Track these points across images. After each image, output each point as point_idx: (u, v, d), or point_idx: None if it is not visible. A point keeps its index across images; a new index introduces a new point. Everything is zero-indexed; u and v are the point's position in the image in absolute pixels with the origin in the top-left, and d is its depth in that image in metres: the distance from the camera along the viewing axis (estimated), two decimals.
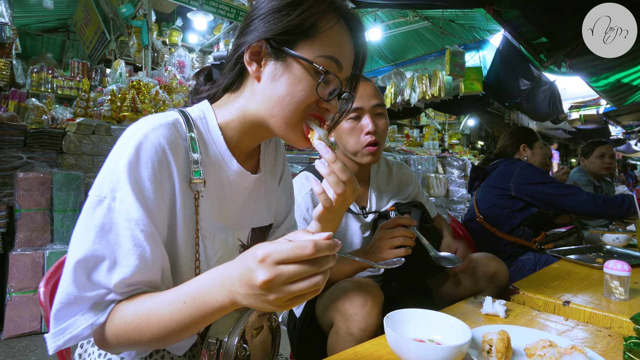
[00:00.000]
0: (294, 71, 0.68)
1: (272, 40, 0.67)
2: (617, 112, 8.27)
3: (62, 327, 0.59)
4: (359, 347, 0.81)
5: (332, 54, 0.69)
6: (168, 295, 0.58)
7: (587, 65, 4.19)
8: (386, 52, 7.54)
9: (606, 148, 2.98)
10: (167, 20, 7.45)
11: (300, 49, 0.68)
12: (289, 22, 0.67)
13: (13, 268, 2.42)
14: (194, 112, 0.74)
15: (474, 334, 0.76)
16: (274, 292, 0.48)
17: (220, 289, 0.53)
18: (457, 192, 5.41)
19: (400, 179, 1.42)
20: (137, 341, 0.59)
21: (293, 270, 0.47)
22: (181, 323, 0.56)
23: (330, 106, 0.72)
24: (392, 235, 1.05)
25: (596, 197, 1.80)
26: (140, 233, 0.60)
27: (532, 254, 2.02)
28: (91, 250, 0.58)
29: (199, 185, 0.69)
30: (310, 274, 0.48)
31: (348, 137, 1.22)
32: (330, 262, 0.50)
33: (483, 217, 2.08)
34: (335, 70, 0.70)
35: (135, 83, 3.96)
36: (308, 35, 0.68)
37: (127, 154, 0.61)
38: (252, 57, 0.69)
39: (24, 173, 2.55)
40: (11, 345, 2.34)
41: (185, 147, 0.69)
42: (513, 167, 2.02)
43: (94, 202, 0.60)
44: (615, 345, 0.82)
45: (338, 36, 0.70)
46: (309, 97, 0.69)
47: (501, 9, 3.64)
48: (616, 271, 1.09)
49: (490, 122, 11.15)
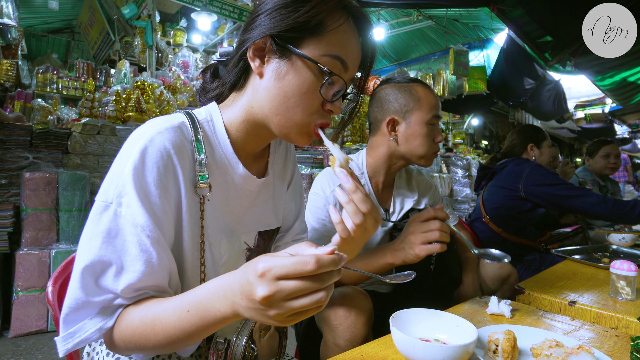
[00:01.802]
0: (298, 70, 0.66)
1: (277, 37, 0.66)
2: (623, 111, 8.19)
3: (71, 331, 0.59)
4: (364, 347, 0.81)
5: (338, 53, 0.67)
6: (173, 302, 0.58)
7: (593, 64, 4.16)
8: (390, 51, 7.53)
9: (612, 147, 2.95)
10: (171, 20, 7.47)
11: (305, 47, 0.66)
12: (295, 19, 0.65)
13: (20, 267, 2.45)
14: (200, 115, 0.74)
15: (479, 333, 0.75)
16: (274, 308, 0.47)
17: (223, 299, 0.53)
18: (461, 192, 5.39)
19: (419, 184, 1.41)
20: (143, 346, 0.60)
21: (294, 286, 0.46)
22: (185, 331, 0.56)
23: (334, 107, 0.70)
24: (427, 229, 0.95)
25: (607, 199, 1.78)
26: (147, 239, 0.60)
27: (538, 254, 2.01)
28: (98, 256, 0.59)
29: (205, 189, 0.68)
30: (312, 290, 0.47)
31: (424, 140, 1.19)
32: (334, 277, 0.49)
33: (489, 217, 2.06)
34: (340, 70, 0.68)
35: (140, 83, 3.98)
36: (314, 33, 0.66)
37: (133, 158, 0.61)
38: (255, 53, 0.68)
39: (30, 173, 2.57)
40: (18, 343, 2.36)
41: (191, 150, 0.68)
42: (522, 167, 1.99)
43: (101, 208, 0.60)
44: (623, 346, 0.82)
45: (345, 35, 0.68)
46: (314, 98, 0.68)
47: (506, 7, 3.63)
48: (623, 271, 1.09)
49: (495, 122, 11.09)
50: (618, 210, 1.74)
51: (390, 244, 1.07)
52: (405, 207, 1.33)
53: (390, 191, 1.34)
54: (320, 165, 3.71)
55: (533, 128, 2.26)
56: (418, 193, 1.39)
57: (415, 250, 0.96)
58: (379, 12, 6.26)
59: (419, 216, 0.99)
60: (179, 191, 0.66)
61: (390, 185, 1.34)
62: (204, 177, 0.68)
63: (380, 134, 1.24)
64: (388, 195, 1.33)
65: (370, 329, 0.98)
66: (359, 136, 5.11)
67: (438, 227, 0.95)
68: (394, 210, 1.31)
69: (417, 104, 1.20)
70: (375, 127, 1.26)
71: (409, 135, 1.20)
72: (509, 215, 2.01)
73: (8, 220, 2.52)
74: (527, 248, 2.04)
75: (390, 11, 6.25)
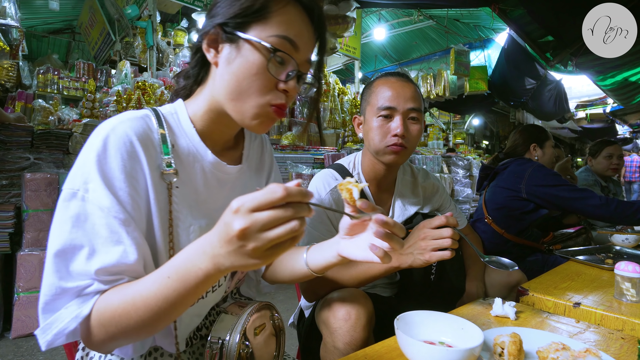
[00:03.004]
0: (246, 53, 0.68)
1: (225, 25, 0.68)
2: (624, 110, 8.19)
3: (48, 322, 0.59)
4: (368, 349, 0.80)
5: (285, 33, 0.68)
6: (153, 274, 0.58)
7: (594, 64, 4.16)
8: (390, 51, 7.53)
9: (614, 148, 2.94)
10: (171, 21, 7.47)
11: (252, 31, 0.68)
12: (240, 5, 0.67)
13: (21, 268, 2.44)
14: (165, 109, 0.77)
15: (485, 336, 0.75)
16: (251, 241, 0.48)
17: (202, 256, 0.53)
18: (462, 192, 5.38)
19: (426, 188, 1.38)
20: (124, 327, 0.58)
21: (267, 216, 0.47)
22: (167, 299, 0.56)
23: (289, 87, 0.71)
24: (439, 236, 0.94)
25: (609, 201, 1.76)
26: (114, 220, 0.61)
27: (540, 255, 2.00)
28: (69, 240, 0.60)
29: (171, 176, 0.70)
30: (285, 219, 0.48)
31: (374, 134, 1.16)
32: (304, 210, 0.50)
33: (492, 218, 2.05)
34: (289, 49, 0.69)
35: (141, 84, 3.98)
36: (259, 16, 0.67)
37: (96, 147, 0.63)
38: (209, 44, 0.70)
39: (31, 174, 2.56)
40: (19, 344, 2.35)
41: (156, 139, 0.70)
42: (524, 167, 1.97)
43: (69, 195, 0.62)
44: (629, 349, 0.81)
45: (291, 16, 0.69)
46: (265, 79, 0.69)
47: (507, 7, 3.62)
48: (628, 272, 1.08)
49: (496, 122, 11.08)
50: (621, 212, 1.73)
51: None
52: (408, 212, 1.31)
53: (390, 194, 1.32)
54: (321, 165, 3.71)
55: (536, 128, 2.22)
56: (423, 198, 1.36)
57: (426, 256, 0.94)
58: (380, 12, 6.26)
59: (431, 222, 0.97)
60: (144, 177, 0.67)
61: (390, 188, 1.32)
62: (169, 165, 0.70)
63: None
64: (387, 198, 1.31)
65: (370, 332, 0.97)
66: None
67: (450, 234, 0.93)
68: (393, 214, 1.30)
69: (369, 98, 1.19)
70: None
71: (366, 132, 1.20)
72: (511, 216, 2.00)
73: (9, 221, 2.51)
74: (529, 249, 2.03)
75: (391, 11, 6.25)
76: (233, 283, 0.92)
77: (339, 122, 5.06)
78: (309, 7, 0.72)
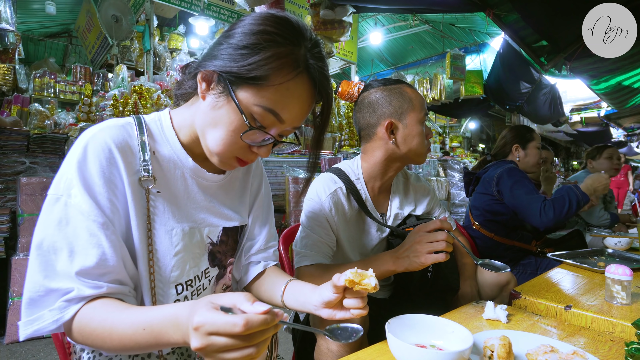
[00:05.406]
0: (230, 110, 0.70)
1: (222, 74, 0.69)
2: (619, 114, 8.26)
3: (31, 319, 0.63)
4: (360, 353, 0.81)
5: (273, 107, 0.69)
6: (130, 316, 0.61)
7: (588, 68, 4.19)
8: (387, 55, 7.57)
9: (614, 150, 3.00)
10: (169, 25, 7.49)
11: (243, 92, 0.69)
12: (241, 65, 0.67)
13: (15, 273, 2.43)
14: (150, 117, 0.81)
15: (475, 339, 0.76)
16: (208, 356, 0.52)
17: (174, 329, 0.56)
18: (459, 196, 5.41)
19: (417, 190, 1.41)
20: (100, 347, 0.64)
21: (224, 342, 0.50)
22: (139, 345, 0.60)
23: (260, 152, 0.75)
24: (433, 239, 0.97)
25: (546, 209, 1.68)
26: (93, 223, 0.65)
27: (533, 258, 2.01)
28: (52, 242, 0.64)
29: (149, 181, 0.73)
30: (241, 347, 0.50)
31: (421, 139, 1.22)
32: (268, 333, 0.52)
33: (478, 223, 2.06)
34: (272, 122, 0.71)
35: (138, 88, 3.99)
36: (256, 83, 0.68)
37: (77, 153, 0.68)
38: (204, 78, 0.72)
39: (26, 178, 2.56)
40: (13, 350, 2.34)
41: (135, 146, 0.74)
42: (497, 170, 1.95)
43: (52, 200, 0.67)
44: (617, 351, 0.82)
45: (288, 92, 0.69)
46: (239, 139, 0.71)
47: (501, 12, 3.66)
48: (618, 275, 1.09)
49: (492, 125, 11.15)
50: (559, 213, 1.66)
51: (391, 252, 1.07)
52: (402, 213, 1.33)
53: (387, 196, 1.34)
54: (319, 169, 3.71)
55: (523, 128, 2.20)
56: (414, 199, 1.39)
57: (422, 259, 0.97)
58: (376, 16, 6.30)
59: (426, 226, 1.01)
60: (122, 183, 0.71)
61: (387, 189, 1.34)
62: (147, 171, 0.73)
63: (376, 138, 1.24)
64: (384, 200, 1.33)
65: (364, 334, 0.98)
66: (356, 140, 5.12)
67: (445, 237, 0.96)
68: (390, 215, 1.31)
69: (410, 105, 1.21)
70: (369, 132, 1.25)
71: (406, 136, 1.21)
72: (494, 220, 2.01)
73: (4, 225, 2.51)
74: (522, 251, 2.04)
75: (387, 16, 6.30)
76: (219, 287, 0.92)
77: (336, 126, 5.08)
78: (319, 79, 0.72)
